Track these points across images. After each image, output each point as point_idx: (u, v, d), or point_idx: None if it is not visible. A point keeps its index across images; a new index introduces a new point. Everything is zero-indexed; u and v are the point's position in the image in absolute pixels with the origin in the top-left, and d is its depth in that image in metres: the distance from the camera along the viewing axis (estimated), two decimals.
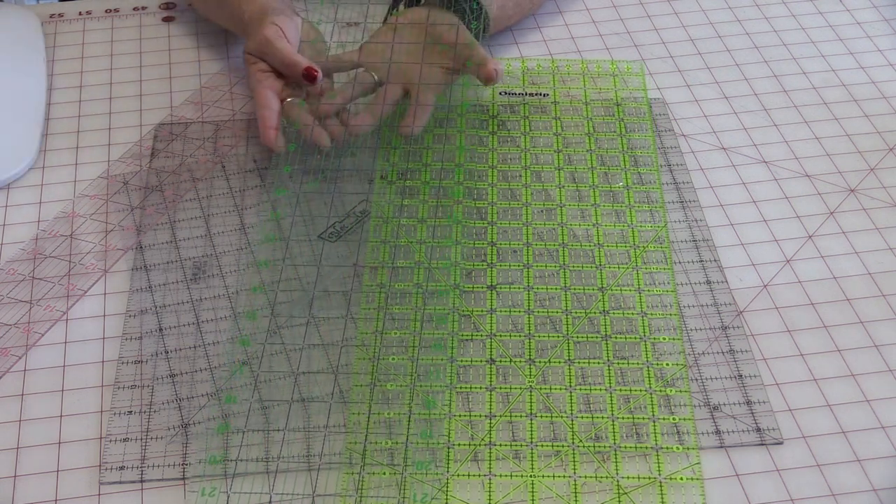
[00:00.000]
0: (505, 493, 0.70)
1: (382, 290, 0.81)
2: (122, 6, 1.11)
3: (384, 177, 0.90)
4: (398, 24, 0.94)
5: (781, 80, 1.02)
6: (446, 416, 0.74)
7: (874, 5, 1.11)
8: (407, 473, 0.70)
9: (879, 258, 0.85)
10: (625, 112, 0.97)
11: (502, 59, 1.03)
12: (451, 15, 0.94)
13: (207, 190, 0.90)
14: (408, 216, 0.87)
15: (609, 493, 0.70)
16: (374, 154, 0.91)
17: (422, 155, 0.92)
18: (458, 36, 0.92)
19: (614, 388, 0.75)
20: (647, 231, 0.86)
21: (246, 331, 0.78)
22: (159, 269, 0.84)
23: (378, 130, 0.92)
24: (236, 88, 1.00)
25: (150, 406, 0.75)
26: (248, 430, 0.72)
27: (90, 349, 0.79)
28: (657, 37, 1.07)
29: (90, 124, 0.97)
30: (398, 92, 0.92)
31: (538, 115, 0.96)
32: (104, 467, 0.71)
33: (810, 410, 0.75)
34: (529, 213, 0.88)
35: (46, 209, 0.90)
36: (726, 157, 0.94)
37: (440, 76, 0.92)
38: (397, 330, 0.78)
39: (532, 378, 0.76)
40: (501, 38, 1.06)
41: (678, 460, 0.71)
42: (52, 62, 1.04)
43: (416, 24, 0.94)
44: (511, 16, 1.03)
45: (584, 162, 0.92)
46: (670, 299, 0.81)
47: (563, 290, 0.82)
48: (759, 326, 0.80)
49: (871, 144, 0.95)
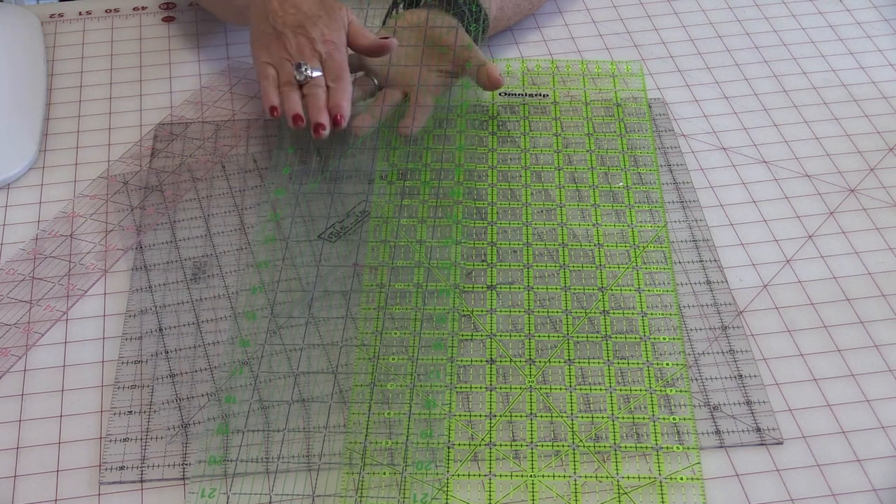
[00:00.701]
0: (505, 493, 0.70)
1: (382, 290, 0.81)
2: (122, 6, 1.11)
3: (384, 177, 0.90)
4: (397, 27, 0.94)
5: (781, 80, 1.02)
6: (446, 416, 0.74)
7: (874, 5, 1.11)
8: (407, 473, 0.70)
9: (879, 258, 0.85)
10: (625, 112, 0.97)
11: (502, 59, 1.03)
12: (449, 17, 0.94)
13: (207, 190, 0.90)
14: (408, 216, 0.87)
15: (609, 493, 0.70)
16: (374, 155, 0.91)
17: (422, 155, 0.92)
18: (457, 38, 0.92)
19: (614, 388, 0.75)
20: (647, 231, 0.86)
21: (245, 331, 0.78)
22: (159, 269, 0.84)
23: (377, 131, 0.92)
24: (236, 88, 1.00)
25: (150, 406, 0.75)
26: (247, 431, 0.72)
27: (90, 349, 0.79)
28: (657, 37, 1.07)
29: (90, 124, 0.97)
30: (398, 94, 0.92)
31: (538, 115, 0.96)
32: (104, 467, 0.71)
33: (810, 410, 0.75)
34: (529, 213, 0.88)
35: (46, 209, 0.90)
36: (726, 157, 0.94)
37: (439, 78, 0.92)
38: (397, 330, 0.78)
39: (532, 378, 0.76)
40: (501, 38, 1.06)
41: (678, 460, 0.71)
42: (52, 62, 1.04)
43: (414, 27, 0.94)
44: (510, 17, 1.03)
45: (584, 162, 0.92)
46: (670, 299, 0.81)
47: (563, 289, 0.82)
48: (759, 326, 0.80)
49: (871, 144, 0.95)
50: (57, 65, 1.04)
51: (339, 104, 0.85)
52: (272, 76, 0.88)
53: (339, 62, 0.88)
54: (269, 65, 0.88)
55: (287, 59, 0.87)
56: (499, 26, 1.02)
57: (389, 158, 0.91)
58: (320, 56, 0.88)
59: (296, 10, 0.88)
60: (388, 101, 0.91)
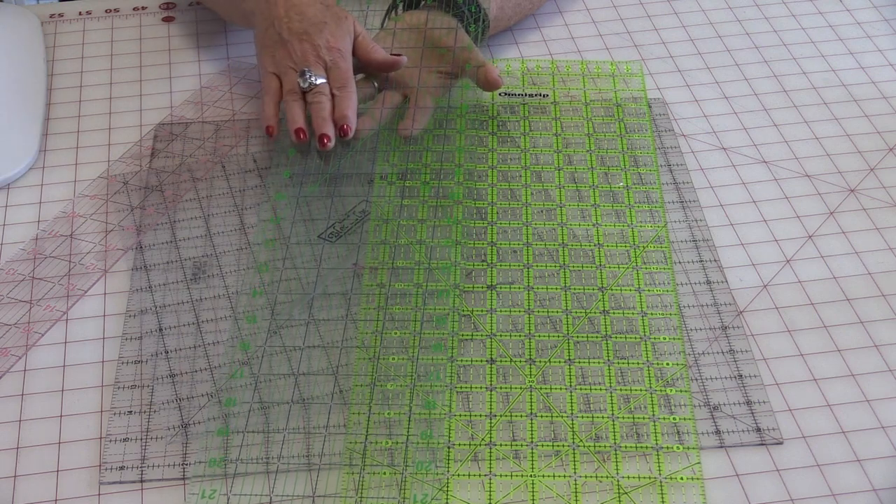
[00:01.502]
0: (505, 494, 0.70)
1: (382, 290, 0.81)
2: (122, 6, 1.11)
3: (384, 178, 0.90)
4: (397, 28, 0.94)
5: (781, 80, 1.02)
6: (447, 416, 0.74)
7: (874, 5, 1.11)
8: (407, 473, 0.70)
9: (879, 258, 0.85)
10: (624, 112, 0.97)
11: (502, 59, 1.03)
12: (449, 18, 0.94)
13: (207, 190, 0.90)
14: (408, 216, 0.87)
15: (609, 493, 0.70)
16: (374, 156, 0.91)
17: (422, 155, 0.92)
18: (457, 39, 0.92)
19: (614, 388, 0.75)
20: (647, 231, 0.86)
21: (246, 333, 0.78)
22: (159, 269, 0.84)
23: (377, 133, 0.92)
24: (236, 88, 1.00)
25: (150, 406, 0.75)
26: (248, 431, 0.72)
27: (90, 349, 0.79)
28: (657, 37, 1.07)
29: (90, 124, 0.97)
30: (398, 97, 0.92)
31: (538, 115, 0.96)
32: (104, 467, 0.71)
33: (810, 410, 0.75)
34: (529, 213, 0.88)
35: (46, 209, 0.90)
36: (726, 157, 0.94)
37: (439, 80, 0.92)
38: (397, 330, 0.78)
39: (532, 378, 0.76)
40: (501, 38, 1.06)
41: (678, 460, 0.71)
42: (52, 62, 1.04)
43: (414, 29, 0.93)
44: (510, 17, 1.03)
45: (584, 162, 0.92)
46: (670, 299, 0.81)
47: (563, 289, 0.82)
48: (759, 326, 0.80)
49: (871, 144, 0.95)
50: (57, 65, 1.04)
51: (345, 114, 0.85)
52: (274, 90, 0.87)
53: (344, 70, 0.87)
54: (273, 75, 0.88)
55: (292, 66, 0.87)
56: (499, 26, 1.02)
57: (389, 159, 0.91)
58: (325, 63, 0.87)
59: (301, 17, 0.88)
60: (389, 103, 0.91)
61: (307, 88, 0.86)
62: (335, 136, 0.84)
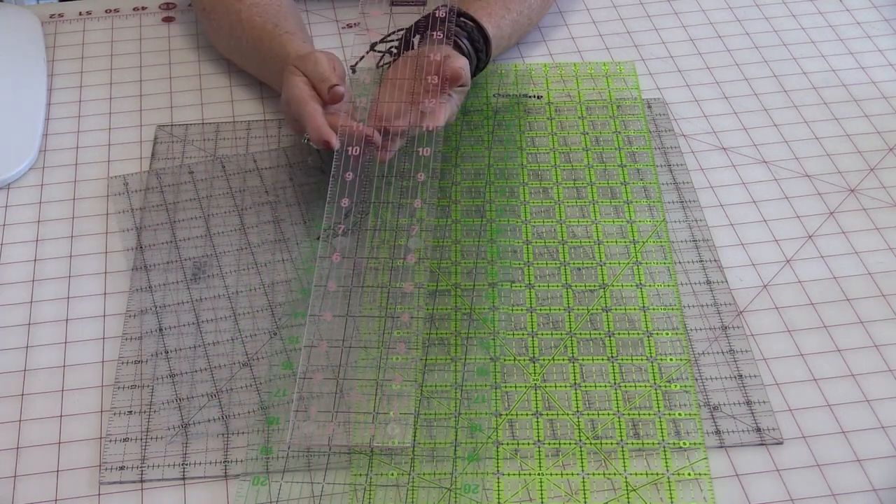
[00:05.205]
0: (514, 492, 0.70)
1: (383, 290, 0.81)
2: (122, 6, 1.11)
3: (383, 177, 0.89)
4: (398, 79, 0.89)
5: (781, 80, 1.02)
6: (453, 416, 0.74)
7: (874, 5, 1.11)
8: (457, 473, 0.70)
9: (879, 258, 0.85)
10: (619, 110, 0.97)
11: (502, 59, 1.03)
12: (447, 48, 0.90)
13: (207, 190, 0.90)
14: (408, 217, 0.86)
15: (618, 490, 0.70)
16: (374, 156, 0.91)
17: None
18: (442, 51, 0.89)
19: (619, 385, 0.76)
20: (645, 226, 0.86)
21: (291, 354, 0.78)
22: (159, 269, 0.84)
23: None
24: (236, 88, 1.00)
25: (150, 406, 0.75)
26: (288, 471, 0.72)
27: (90, 349, 0.79)
28: (657, 37, 1.07)
29: (90, 124, 0.97)
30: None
31: (534, 115, 0.96)
32: (104, 467, 0.71)
33: (810, 410, 0.75)
34: (528, 211, 0.88)
35: (46, 209, 0.90)
36: (726, 157, 0.94)
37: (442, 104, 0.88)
38: (398, 330, 0.78)
39: (536, 376, 0.76)
40: None
41: (685, 456, 0.71)
42: (52, 62, 1.04)
43: (409, 70, 0.89)
44: (510, 35, 0.99)
45: (581, 160, 0.92)
46: (671, 295, 0.81)
47: (564, 287, 0.82)
48: (759, 326, 0.80)
49: (871, 144, 0.95)
50: (57, 65, 1.04)
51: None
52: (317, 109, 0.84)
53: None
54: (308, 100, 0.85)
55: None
56: (500, 45, 0.99)
57: (389, 159, 0.91)
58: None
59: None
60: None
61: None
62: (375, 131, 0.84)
